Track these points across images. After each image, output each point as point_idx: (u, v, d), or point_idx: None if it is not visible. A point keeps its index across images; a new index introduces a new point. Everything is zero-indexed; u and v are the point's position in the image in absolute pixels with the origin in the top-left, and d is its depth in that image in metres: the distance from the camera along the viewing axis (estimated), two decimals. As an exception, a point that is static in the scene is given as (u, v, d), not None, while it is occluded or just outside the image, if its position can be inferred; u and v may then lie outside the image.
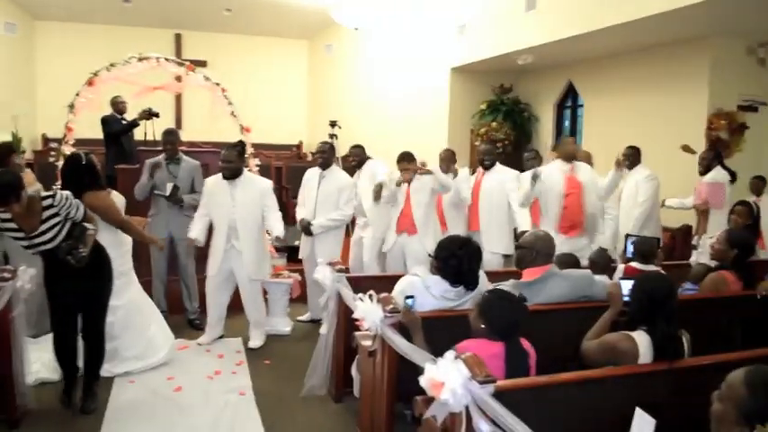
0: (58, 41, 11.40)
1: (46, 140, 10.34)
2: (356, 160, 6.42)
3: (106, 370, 4.55)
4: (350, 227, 6.37)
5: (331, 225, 5.92)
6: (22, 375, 4.05)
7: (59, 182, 5.55)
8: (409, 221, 5.80)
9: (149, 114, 7.15)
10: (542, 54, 8.25)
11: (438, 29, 9.81)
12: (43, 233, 3.78)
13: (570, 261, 4.21)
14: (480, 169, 6.39)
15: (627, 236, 5.03)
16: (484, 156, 6.36)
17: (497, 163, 6.34)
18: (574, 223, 5.70)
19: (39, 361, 4.57)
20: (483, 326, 2.89)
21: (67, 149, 6.03)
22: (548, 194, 5.73)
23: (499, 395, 2.36)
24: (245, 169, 5.55)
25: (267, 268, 5.67)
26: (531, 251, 3.69)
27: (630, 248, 4.55)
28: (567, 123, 9.53)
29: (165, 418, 4.10)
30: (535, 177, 5.58)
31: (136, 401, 4.33)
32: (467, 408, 2.39)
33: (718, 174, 6.22)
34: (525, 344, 2.96)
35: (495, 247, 6.14)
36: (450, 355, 2.45)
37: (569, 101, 9.47)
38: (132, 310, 4.79)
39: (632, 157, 6.35)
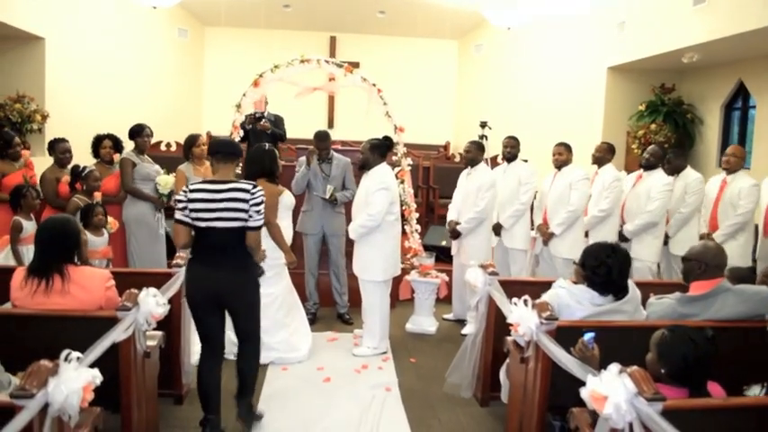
0: (224, 45, 12.15)
1: (210, 138, 11.06)
2: (511, 153, 6.18)
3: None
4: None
5: (470, 226, 5.89)
6: (188, 356, 4.35)
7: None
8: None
9: (254, 119, 7.14)
10: (710, 51, 7.69)
11: (595, 27, 9.44)
12: None
13: (744, 275, 3.87)
14: (641, 171, 6.08)
15: None
16: (647, 155, 6.03)
17: (659, 166, 5.97)
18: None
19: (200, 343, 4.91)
20: (663, 371, 2.60)
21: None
22: None
23: (668, 414, 2.23)
24: (379, 165, 5.27)
25: (373, 271, 5.25)
26: (700, 263, 3.42)
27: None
28: (735, 126, 8.83)
29: (315, 407, 4.25)
30: None
31: (288, 388, 4.53)
32: (630, 425, 2.28)
33: None
34: (715, 390, 2.65)
35: (643, 255, 5.82)
36: (614, 368, 2.34)
37: (739, 102, 8.76)
38: (274, 303, 4.99)
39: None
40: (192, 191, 3.51)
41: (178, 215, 3.55)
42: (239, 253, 3.55)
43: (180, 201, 3.54)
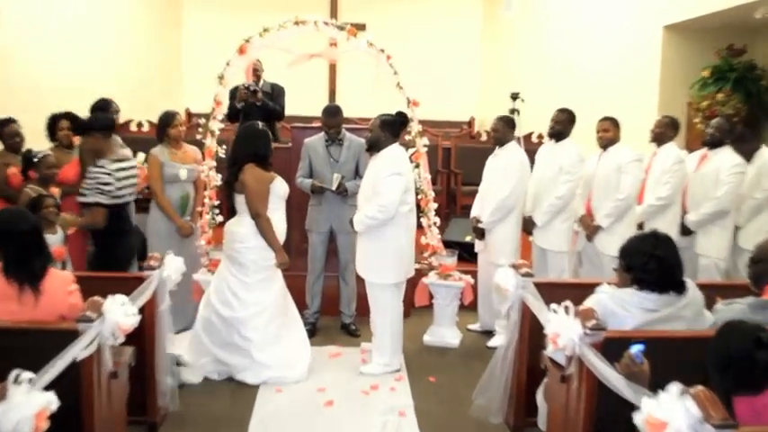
0: (206, 3, 12.11)
1: (189, 116, 11.05)
2: (555, 129, 5.97)
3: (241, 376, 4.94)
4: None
5: (494, 219, 5.84)
6: (165, 374, 4.33)
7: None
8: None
9: (249, 92, 6.91)
10: (789, 5, 7.62)
11: (649, -22, 9.38)
12: None
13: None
14: (705, 149, 6.01)
15: None
16: (711, 129, 5.98)
17: (726, 143, 5.89)
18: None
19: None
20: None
21: (215, 126, 6.38)
22: None
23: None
24: (391, 146, 5.20)
25: (383, 272, 5.21)
26: (772, 264, 3.40)
27: None
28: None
29: (315, 436, 4.25)
30: None
31: (282, 413, 4.54)
32: (695, 457, 2.25)
33: None
34: None
35: (710, 251, 5.77)
36: (674, 388, 2.31)
37: (825, 65, 8.67)
38: (265, 312, 4.99)
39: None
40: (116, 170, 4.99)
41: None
42: None
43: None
